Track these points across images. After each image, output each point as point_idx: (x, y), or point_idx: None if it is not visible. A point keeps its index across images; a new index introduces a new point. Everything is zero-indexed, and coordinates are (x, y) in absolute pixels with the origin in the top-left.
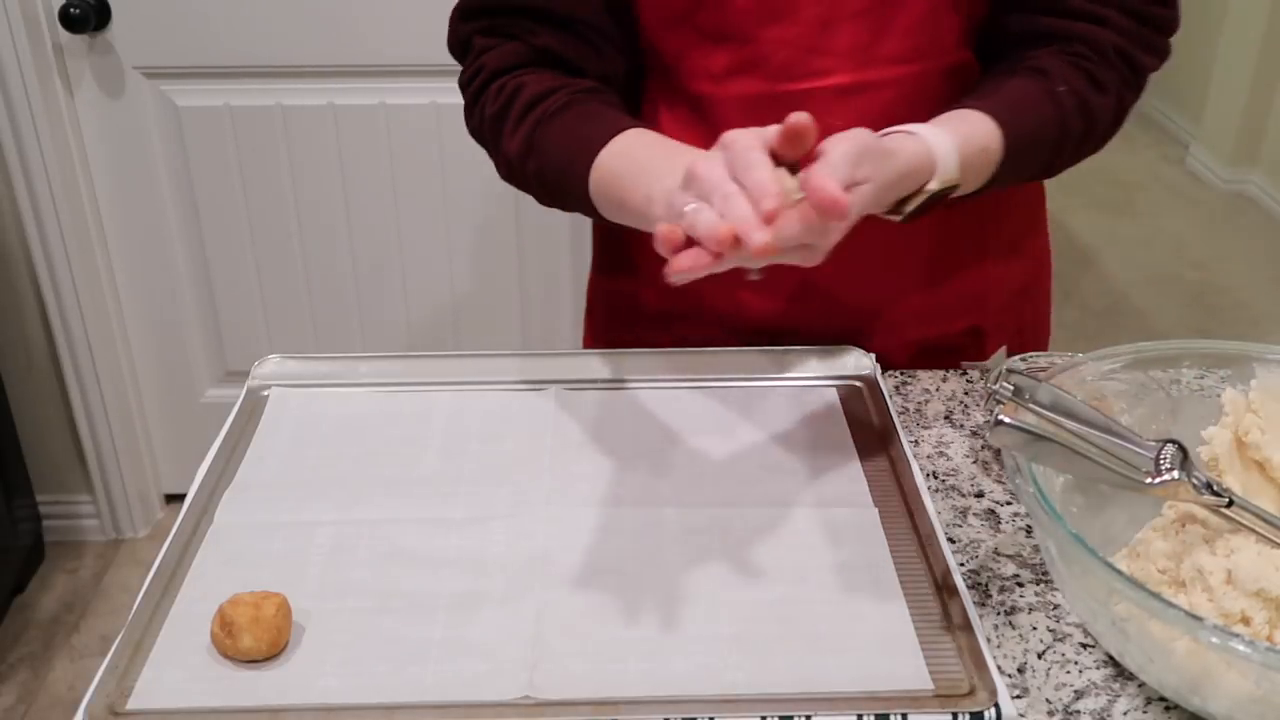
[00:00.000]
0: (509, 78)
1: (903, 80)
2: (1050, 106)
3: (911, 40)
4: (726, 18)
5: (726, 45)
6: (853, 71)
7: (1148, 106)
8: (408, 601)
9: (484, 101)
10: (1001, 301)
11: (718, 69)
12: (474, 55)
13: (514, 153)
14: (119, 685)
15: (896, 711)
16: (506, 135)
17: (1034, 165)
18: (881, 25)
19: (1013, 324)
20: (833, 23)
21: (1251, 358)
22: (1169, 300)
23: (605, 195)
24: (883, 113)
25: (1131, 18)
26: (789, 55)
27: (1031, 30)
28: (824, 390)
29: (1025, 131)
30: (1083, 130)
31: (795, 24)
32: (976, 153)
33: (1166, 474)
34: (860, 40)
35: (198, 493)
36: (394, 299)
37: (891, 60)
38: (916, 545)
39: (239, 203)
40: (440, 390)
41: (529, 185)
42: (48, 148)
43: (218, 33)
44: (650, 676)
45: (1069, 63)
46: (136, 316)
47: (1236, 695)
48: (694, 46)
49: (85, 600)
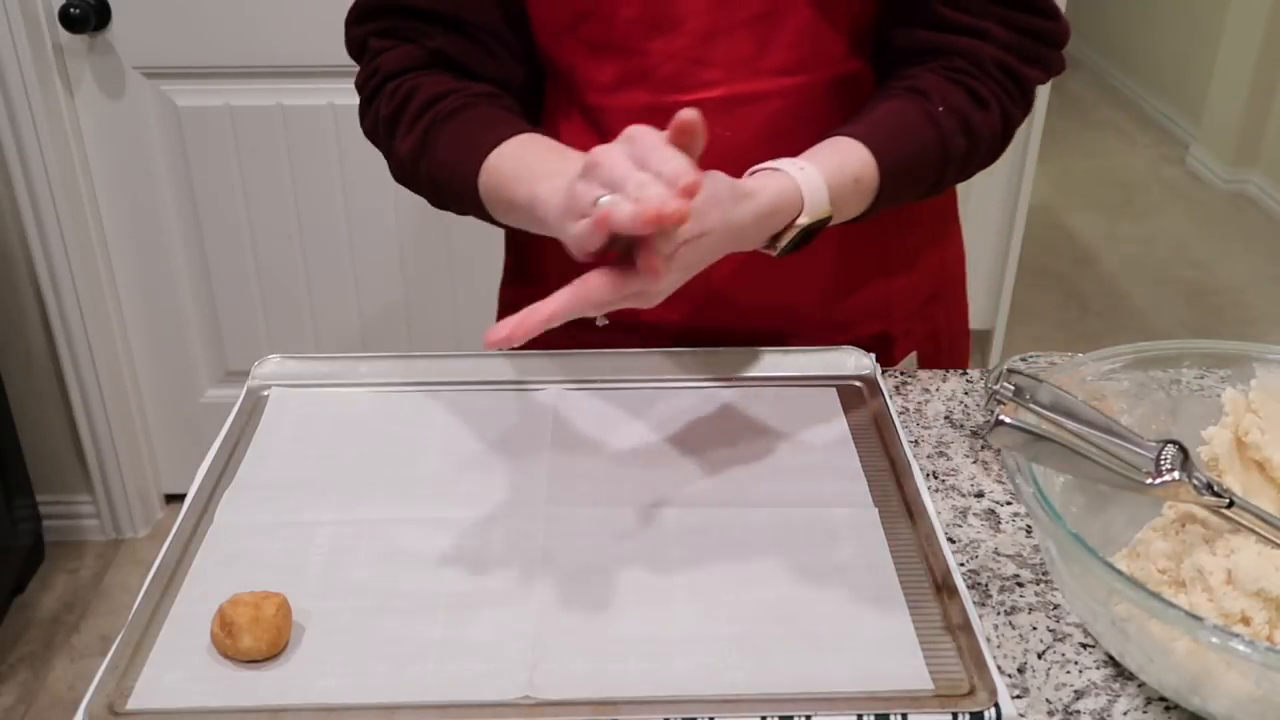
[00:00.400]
0: (404, 79)
1: (788, 91)
2: (930, 128)
3: (795, 52)
4: (612, 30)
5: (613, 57)
6: (738, 83)
7: (1148, 106)
8: (408, 601)
9: (379, 102)
10: (909, 309)
11: (606, 80)
12: (370, 57)
13: (406, 154)
14: (119, 685)
15: (896, 711)
16: (400, 136)
17: (918, 187)
18: (765, 37)
19: (923, 329)
20: (717, 35)
21: (1251, 358)
22: (1169, 300)
23: (494, 197)
24: (769, 124)
25: (1013, 30)
26: (675, 67)
27: (913, 45)
28: (824, 390)
29: (902, 156)
30: (966, 148)
31: (680, 36)
32: (849, 183)
33: (1167, 475)
34: (744, 52)
35: (198, 493)
36: (394, 299)
37: (776, 72)
38: (916, 545)
39: (239, 203)
40: (440, 390)
41: (421, 187)
42: (48, 148)
43: (218, 33)
44: (650, 676)
45: (948, 79)
46: (136, 316)
47: (1236, 695)
48: (583, 58)
49: (85, 600)
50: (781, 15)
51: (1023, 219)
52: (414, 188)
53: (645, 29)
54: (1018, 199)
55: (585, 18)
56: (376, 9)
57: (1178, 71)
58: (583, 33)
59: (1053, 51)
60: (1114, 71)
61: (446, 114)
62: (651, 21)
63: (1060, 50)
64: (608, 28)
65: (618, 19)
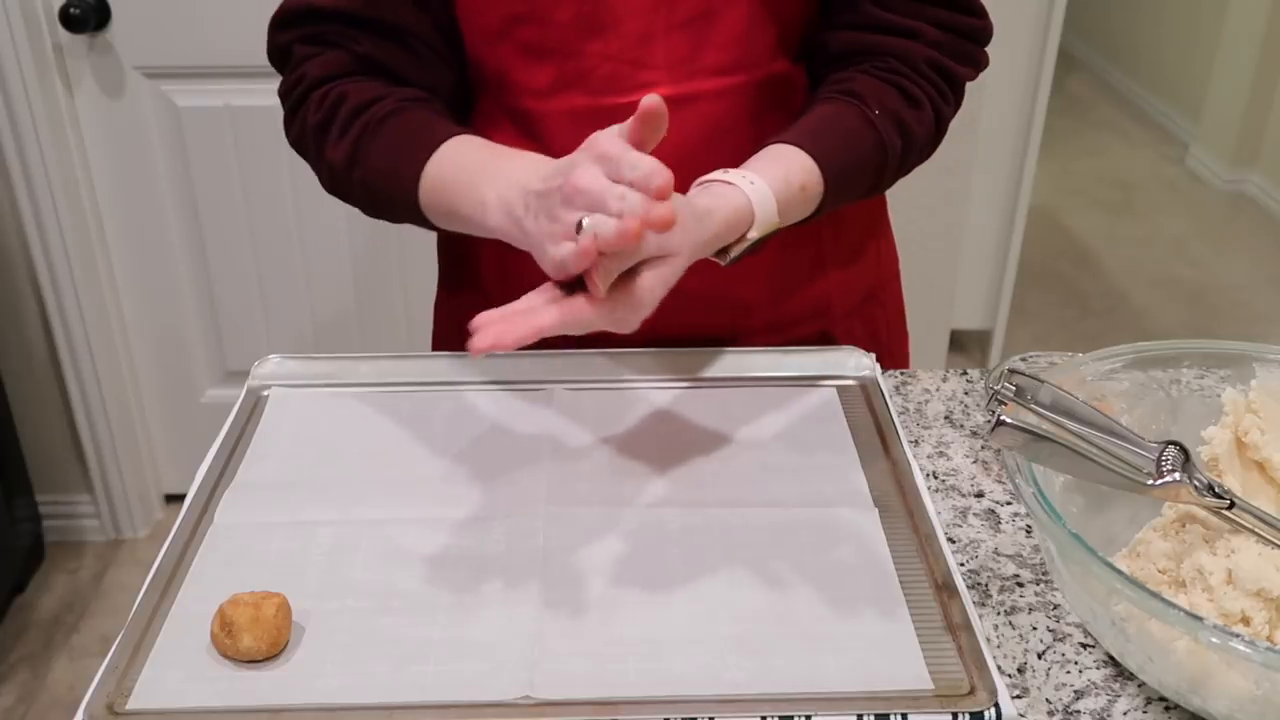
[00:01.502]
0: (332, 85)
1: (724, 92)
2: (867, 131)
3: (730, 52)
4: (547, 33)
5: (549, 61)
6: (675, 84)
7: (1148, 106)
8: (408, 601)
9: (305, 110)
10: (848, 307)
11: (541, 84)
12: (295, 64)
13: (339, 162)
14: (119, 685)
15: (896, 711)
16: (330, 145)
17: (859, 189)
18: (701, 38)
19: (863, 329)
20: (653, 36)
21: (1251, 358)
22: (1169, 300)
23: (435, 203)
24: (707, 124)
25: (944, 30)
26: (611, 69)
27: (847, 46)
28: (824, 390)
29: (844, 161)
30: (902, 148)
31: (616, 38)
32: (796, 192)
33: (1168, 476)
34: (681, 53)
35: (198, 493)
36: (394, 299)
37: (713, 72)
38: (916, 545)
39: (239, 203)
40: (440, 390)
41: (353, 196)
42: (48, 148)
43: (218, 33)
44: (650, 676)
45: (881, 81)
46: (136, 316)
47: (1236, 695)
48: (516, 62)
49: (85, 600)
50: (716, 16)
51: (1023, 219)
52: (346, 197)
53: (582, 31)
54: (1018, 199)
55: (520, 21)
56: (301, 14)
57: (1177, 71)
58: (517, 36)
59: (980, 50)
60: (1114, 71)
61: (379, 120)
62: (588, 24)
63: (985, 47)
64: (543, 30)
65: (554, 22)
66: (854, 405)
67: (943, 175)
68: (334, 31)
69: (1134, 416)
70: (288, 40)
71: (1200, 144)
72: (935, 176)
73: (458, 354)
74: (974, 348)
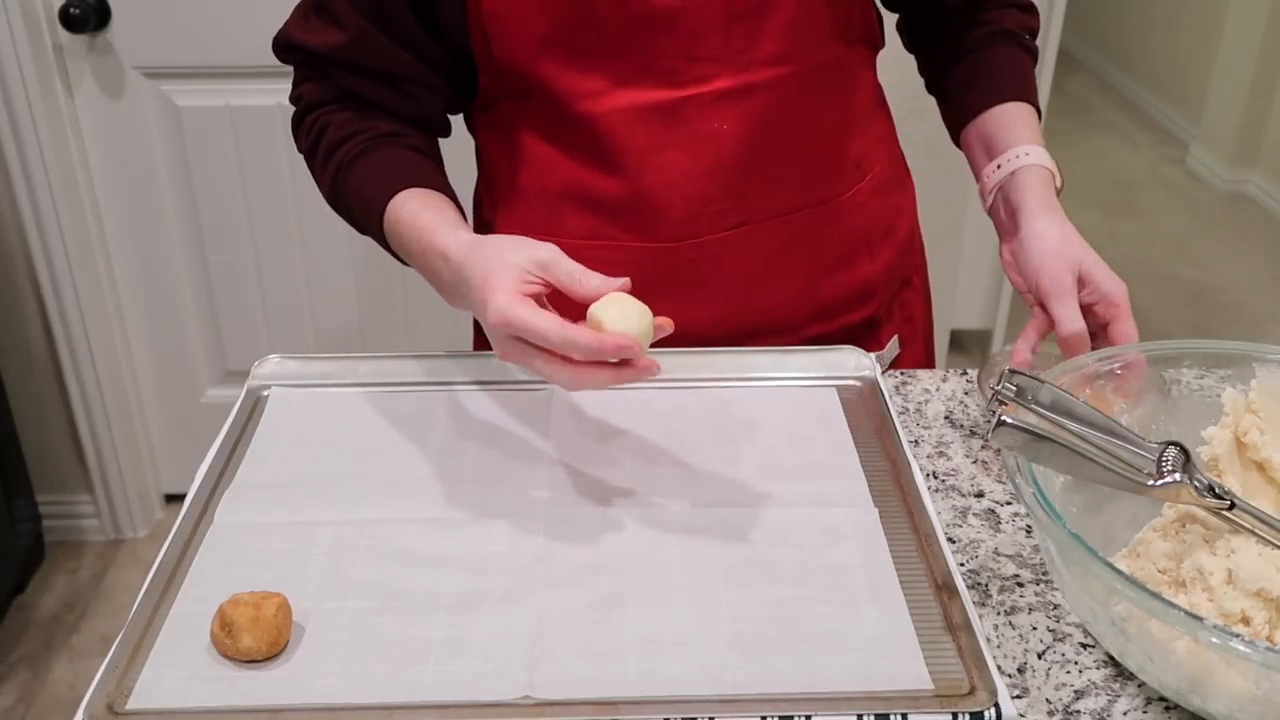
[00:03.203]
0: (319, 114)
1: (779, 81)
2: (1030, 59)
3: (785, 42)
4: (604, 34)
5: (605, 62)
6: (732, 76)
7: (1148, 106)
8: (408, 601)
9: (301, 134)
10: (891, 291)
11: (596, 86)
12: (295, 82)
13: (325, 191)
14: (119, 685)
15: (896, 711)
16: (318, 173)
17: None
18: (756, 29)
19: (900, 314)
20: (708, 30)
21: (1251, 358)
22: (1169, 300)
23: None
24: (762, 115)
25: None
26: (668, 65)
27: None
28: (824, 390)
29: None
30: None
31: (672, 34)
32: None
33: (1169, 476)
34: (737, 45)
35: (198, 493)
36: (394, 299)
37: (768, 62)
38: (916, 545)
39: (239, 203)
40: (440, 390)
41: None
42: (48, 148)
43: (218, 33)
44: (650, 676)
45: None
46: (136, 316)
47: (1236, 695)
48: (568, 67)
49: (85, 600)
50: (770, 7)
51: None
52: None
53: (637, 30)
54: None
55: (572, 26)
56: (291, 47)
57: (1177, 71)
58: (568, 41)
59: None
60: (1114, 71)
61: (350, 160)
62: (644, 22)
63: None
64: (600, 33)
65: (608, 22)
66: (854, 405)
67: (943, 175)
68: (322, 65)
69: (1134, 416)
70: (288, 60)
71: (1200, 144)
72: (935, 177)
73: (457, 354)
74: (974, 348)
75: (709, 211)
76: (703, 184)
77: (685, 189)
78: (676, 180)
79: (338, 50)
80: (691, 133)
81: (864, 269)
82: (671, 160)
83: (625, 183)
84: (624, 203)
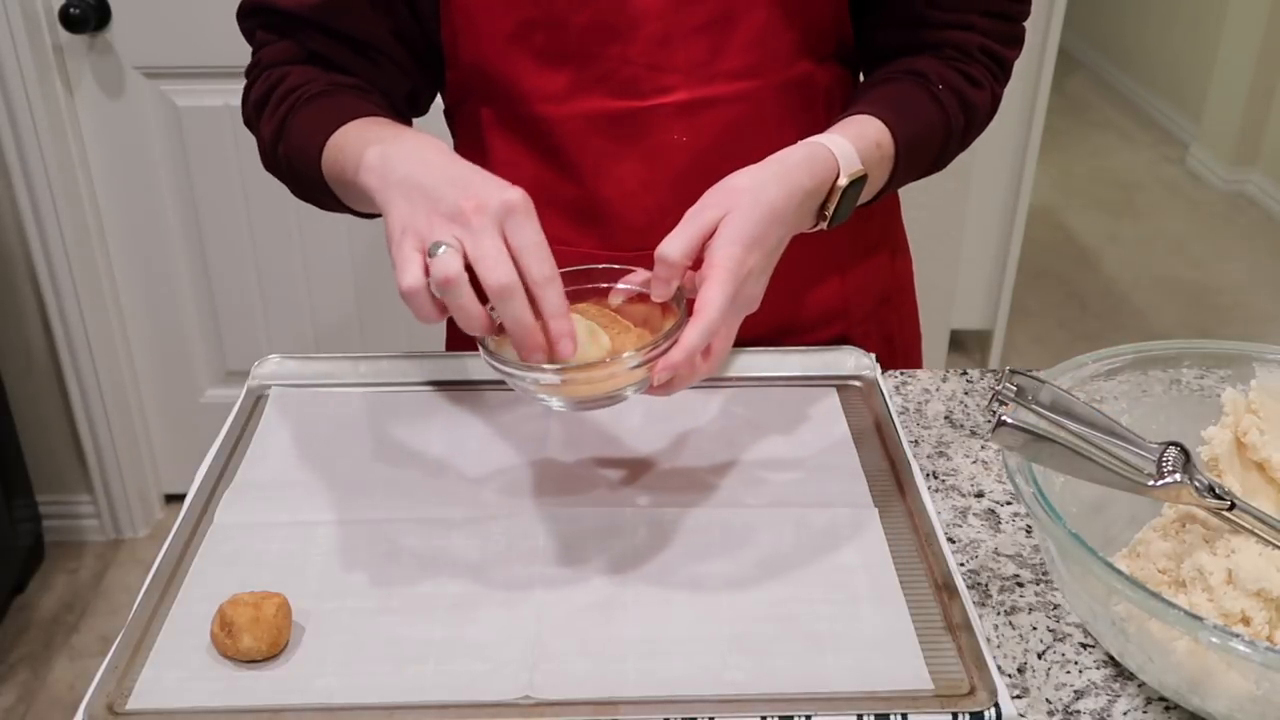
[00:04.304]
0: (276, 69)
1: (743, 95)
2: (934, 105)
3: (750, 55)
4: (564, 37)
5: (565, 65)
6: (694, 87)
7: (1148, 106)
8: (408, 601)
9: (253, 90)
10: (865, 310)
11: (557, 89)
12: (255, 48)
13: (268, 138)
14: (119, 685)
15: (896, 711)
16: (264, 120)
17: (926, 160)
18: (720, 41)
19: (878, 333)
20: (672, 39)
21: (1251, 358)
22: (1169, 300)
23: (333, 175)
24: (725, 128)
25: (992, 18)
26: (630, 73)
27: (903, 44)
28: (824, 390)
29: (914, 129)
30: (965, 123)
31: (634, 41)
32: (872, 147)
33: (1169, 477)
34: (699, 56)
35: (198, 493)
36: (393, 298)
37: (731, 76)
38: (916, 545)
39: (239, 203)
40: (440, 390)
41: (282, 173)
42: (48, 148)
43: (218, 33)
44: (650, 676)
45: (942, 63)
46: (136, 316)
47: (1236, 695)
48: (530, 68)
49: (85, 600)
50: (736, 19)
51: (1023, 219)
52: (276, 173)
53: (600, 35)
54: (1018, 199)
55: (535, 25)
56: (260, 9)
57: (1177, 71)
58: (531, 41)
59: (1021, 28)
60: (1114, 71)
61: (306, 99)
62: (607, 28)
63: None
64: (560, 35)
65: (571, 25)
66: (854, 405)
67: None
68: (290, 25)
69: (1134, 416)
70: (249, 27)
71: (1200, 144)
72: (935, 177)
73: (457, 354)
74: (974, 348)
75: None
76: (660, 195)
77: (643, 200)
78: (634, 191)
79: (312, 10)
80: (650, 144)
81: (832, 286)
82: (629, 171)
83: (584, 190)
84: (584, 209)
